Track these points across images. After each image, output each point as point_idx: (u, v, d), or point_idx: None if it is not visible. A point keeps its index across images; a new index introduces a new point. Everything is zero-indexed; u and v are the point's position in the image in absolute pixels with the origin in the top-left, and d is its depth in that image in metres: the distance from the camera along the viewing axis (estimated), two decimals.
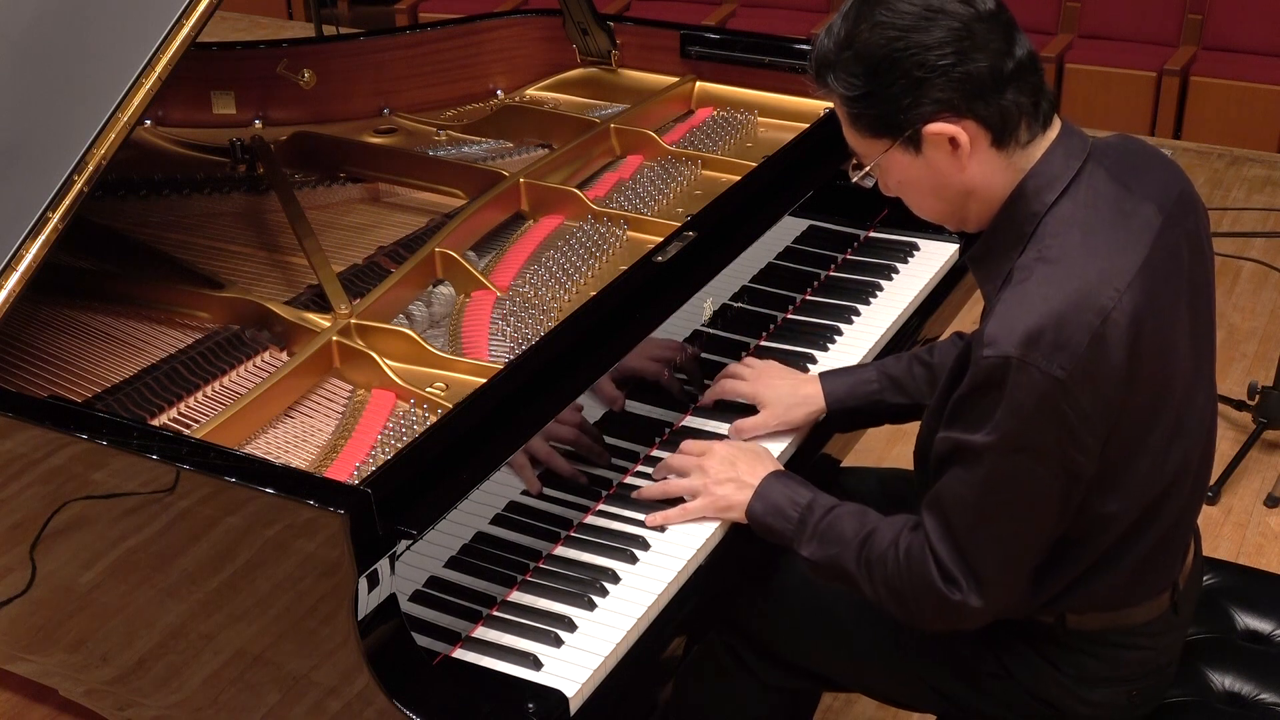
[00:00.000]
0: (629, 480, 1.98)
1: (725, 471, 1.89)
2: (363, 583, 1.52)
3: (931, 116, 1.60)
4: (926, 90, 1.59)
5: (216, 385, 1.99)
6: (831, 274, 2.52)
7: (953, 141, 1.62)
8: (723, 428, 2.09)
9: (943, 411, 1.68)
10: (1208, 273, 1.76)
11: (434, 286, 2.19)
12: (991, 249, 1.71)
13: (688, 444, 1.97)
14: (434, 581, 1.68)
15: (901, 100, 1.60)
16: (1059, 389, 1.54)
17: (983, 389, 1.59)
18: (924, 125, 1.61)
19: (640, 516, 1.89)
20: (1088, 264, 1.59)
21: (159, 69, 1.85)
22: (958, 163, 1.64)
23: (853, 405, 2.09)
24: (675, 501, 1.90)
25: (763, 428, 2.06)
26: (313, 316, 2.05)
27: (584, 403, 1.87)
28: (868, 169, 1.72)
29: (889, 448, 3.54)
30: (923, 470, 1.77)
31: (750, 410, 2.08)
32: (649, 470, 1.99)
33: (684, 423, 2.12)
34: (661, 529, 1.87)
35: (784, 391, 2.08)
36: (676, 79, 2.85)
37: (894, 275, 2.51)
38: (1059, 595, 1.76)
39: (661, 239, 2.13)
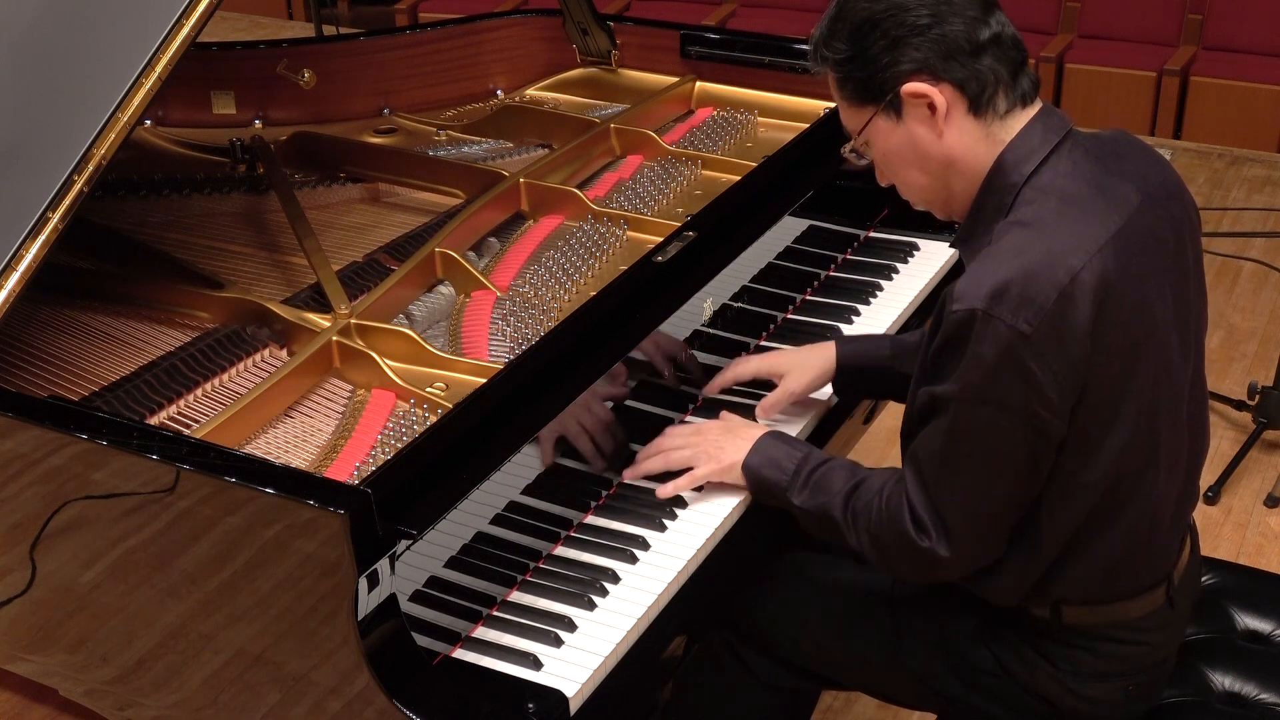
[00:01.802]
0: (629, 480, 1.98)
1: (722, 438, 1.93)
2: (363, 583, 1.52)
3: (909, 76, 1.67)
4: (904, 50, 1.66)
5: (216, 383, 1.99)
6: (831, 274, 2.52)
7: (931, 106, 1.67)
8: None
9: (925, 367, 1.72)
10: (1194, 261, 1.78)
11: (434, 286, 2.19)
12: (975, 227, 1.75)
13: (678, 426, 2.00)
14: (434, 581, 1.68)
15: (881, 59, 1.68)
16: (1023, 343, 1.57)
17: (951, 343, 1.63)
18: (901, 85, 1.67)
19: (639, 519, 1.89)
20: (1059, 228, 1.63)
21: (159, 69, 1.85)
22: (935, 128, 1.69)
23: (863, 365, 2.11)
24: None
25: (786, 397, 2.10)
26: (313, 316, 2.05)
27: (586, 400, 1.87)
28: (855, 142, 1.78)
29: (889, 448, 3.54)
30: (907, 435, 1.80)
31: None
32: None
33: (686, 419, 2.11)
34: (662, 528, 1.88)
35: (799, 357, 2.12)
36: (676, 79, 2.85)
37: (894, 275, 2.51)
38: (1046, 580, 1.77)
39: (661, 239, 2.13)
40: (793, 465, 1.87)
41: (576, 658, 1.67)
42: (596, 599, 1.75)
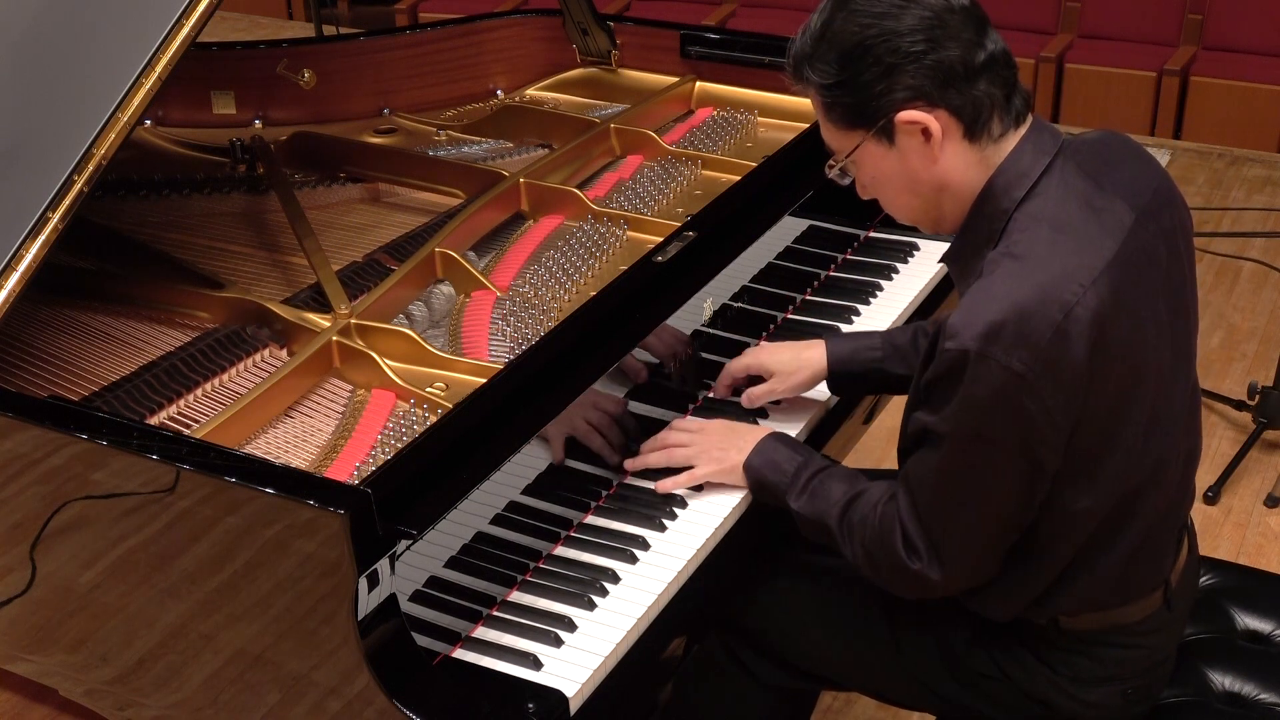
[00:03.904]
0: (629, 481, 1.98)
1: (725, 438, 1.93)
2: (363, 583, 1.52)
3: (903, 104, 1.62)
4: (899, 77, 1.61)
5: (216, 383, 1.99)
6: (831, 274, 2.52)
7: (925, 132, 1.63)
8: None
9: (918, 392, 1.70)
10: (1188, 270, 1.76)
11: (434, 286, 2.19)
12: (964, 248, 1.72)
13: (683, 421, 1.99)
14: (434, 581, 1.68)
15: (874, 87, 1.62)
16: (1018, 384, 1.55)
17: (944, 378, 1.61)
18: (896, 113, 1.62)
19: (639, 519, 1.89)
20: (1053, 260, 1.59)
21: (159, 69, 1.85)
22: (930, 154, 1.65)
23: (855, 369, 2.10)
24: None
25: (771, 393, 2.09)
26: (313, 316, 2.05)
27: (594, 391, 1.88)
28: (842, 163, 1.73)
29: (889, 448, 3.50)
30: (904, 451, 1.79)
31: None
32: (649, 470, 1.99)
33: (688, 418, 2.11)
34: (662, 528, 1.88)
35: (788, 357, 2.10)
36: (676, 79, 2.85)
37: (894, 275, 2.51)
38: (1045, 596, 1.76)
39: (661, 239, 2.13)
40: (792, 468, 1.87)
41: (576, 658, 1.67)
42: (596, 599, 1.75)
